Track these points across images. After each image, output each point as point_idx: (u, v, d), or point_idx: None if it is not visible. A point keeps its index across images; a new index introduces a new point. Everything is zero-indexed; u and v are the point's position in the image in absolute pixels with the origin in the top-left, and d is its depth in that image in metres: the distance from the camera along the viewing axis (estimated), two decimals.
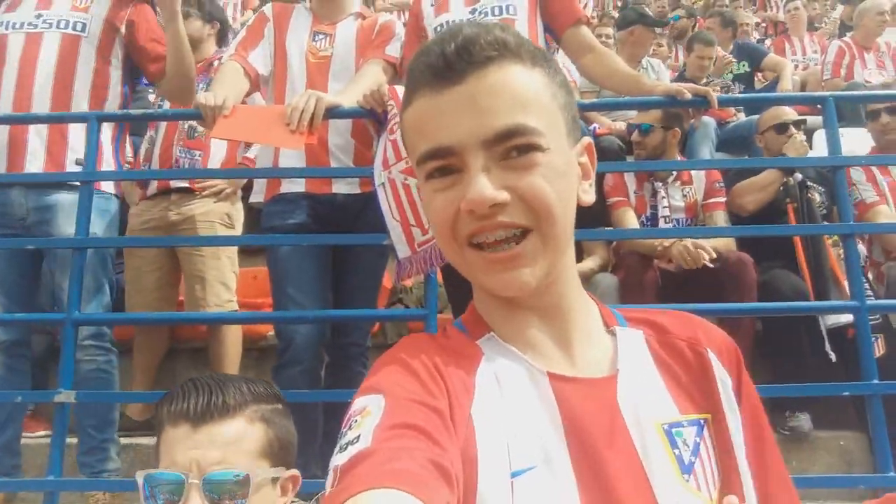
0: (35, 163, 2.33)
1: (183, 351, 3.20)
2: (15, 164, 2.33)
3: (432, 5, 2.44)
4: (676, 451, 0.68)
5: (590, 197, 0.76)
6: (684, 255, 2.73)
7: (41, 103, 2.34)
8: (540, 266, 0.70)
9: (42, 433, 2.72)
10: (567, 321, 0.75)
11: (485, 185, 0.66)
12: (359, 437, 0.59)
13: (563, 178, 0.70)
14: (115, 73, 2.50)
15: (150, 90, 3.66)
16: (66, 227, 2.28)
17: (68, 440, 2.33)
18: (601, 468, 0.65)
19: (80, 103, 2.39)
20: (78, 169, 2.30)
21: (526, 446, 0.65)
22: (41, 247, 2.30)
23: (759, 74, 4.97)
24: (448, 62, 0.68)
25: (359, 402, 0.65)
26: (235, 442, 0.95)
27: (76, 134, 2.36)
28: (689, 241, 2.75)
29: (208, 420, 0.95)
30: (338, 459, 0.59)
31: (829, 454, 2.69)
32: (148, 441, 2.64)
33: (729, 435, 0.73)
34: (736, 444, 0.73)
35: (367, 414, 0.62)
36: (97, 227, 2.33)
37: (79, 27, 2.41)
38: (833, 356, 2.63)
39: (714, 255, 2.72)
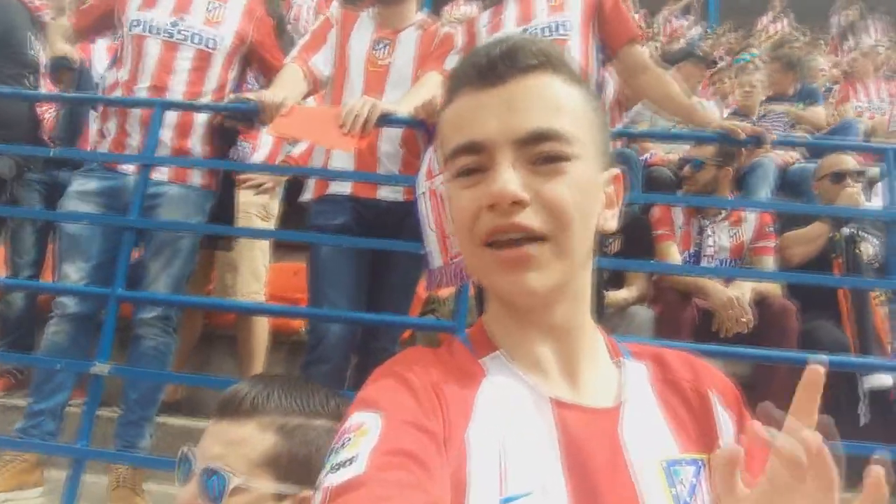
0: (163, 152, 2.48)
1: (218, 337, 3.27)
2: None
3: (486, 25, 2.47)
4: (674, 490, 0.67)
5: (611, 225, 0.77)
6: (726, 309, 2.68)
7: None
8: (549, 273, 0.70)
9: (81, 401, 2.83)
10: (575, 344, 0.75)
11: (510, 180, 0.68)
12: (353, 458, 0.59)
13: (587, 193, 0.72)
14: (232, 76, 2.64)
15: None
16: (169, 216, 2.42)
17: (105, 413, 2.44)
18: (598, 500, 0.64)
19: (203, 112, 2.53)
20: None
21: (523, 472, 0.64)
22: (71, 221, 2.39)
23: None
24: (492, 64, 0.72)
25: (355, 418, 0.64)
26: (237, 444, 0.94)
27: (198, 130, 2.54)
28: (736, 298, 2.69)
29: (223, 417, 0.98)
30: (330, 479, 0.58)
31: None
32: (175, 421, 2.71)
33: None
34: None
35: (363, 433, 0.62)
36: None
37: (211, 44, 2.54)
38: (864, 418, 2.55)
39: (750, 323, 2.66)
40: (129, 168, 2.45)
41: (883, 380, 2.55)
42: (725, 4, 10.44)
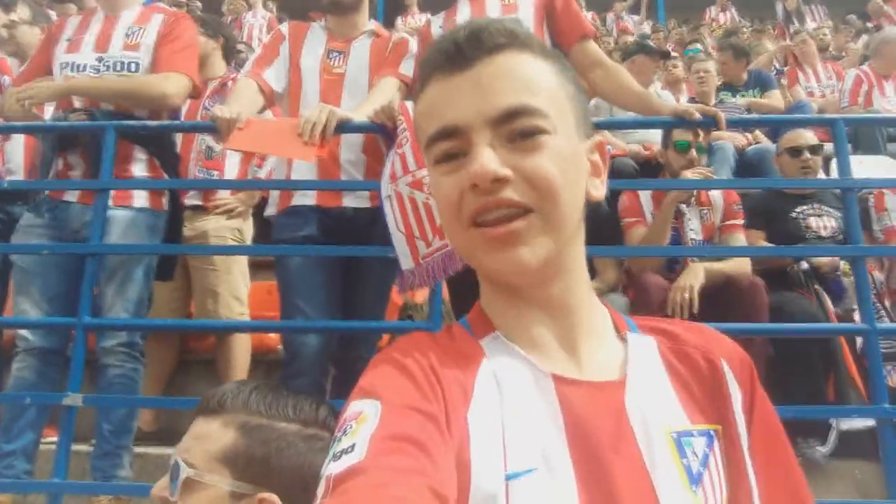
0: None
1: (195, 363, 3.23)
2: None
3: (441, 28, 2.49)
4: (685, 461, 0.66)
5: (600, 192, 0.76)
6: (674, 298, 2.72)
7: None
8: (540, 246, 0.69)
9: (54, 439, 2.77)
10: (574, 320, 0.73)
11: (489, 159, 0.67)
12: (353, 445, 0.58)
13: (570, 163, 0.70)
14: None
15: None
16: (118, 241, 2.38)
17: (81, 447, 2.38)
18: (604, 473, 0.63)
19: None
20: None
21: (525, 448, 0.63)
22: (56, 252, 2.36)
23: None
24: (458, 48, 0.71)
25: (354, 407, 0.64)
26: (201, 439, 0.98)
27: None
28: (683, 288, 2.71)
29: (198, 414, 1.02)
30: (331, 468, 0.58)
31: (844, 484, 2.62)
32: (154, 451, 2.66)
33: (740, 448, 0.70)
34: (746, 458, 0.70)
35: (362, 420, 0.61)
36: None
37: (133, 67, 2.51)
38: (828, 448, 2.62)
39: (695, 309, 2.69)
40: (73, 196, 2.45)
41: (856, 423, 2.57)
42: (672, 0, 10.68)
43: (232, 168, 3.21)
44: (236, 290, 3.05)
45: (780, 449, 0.73)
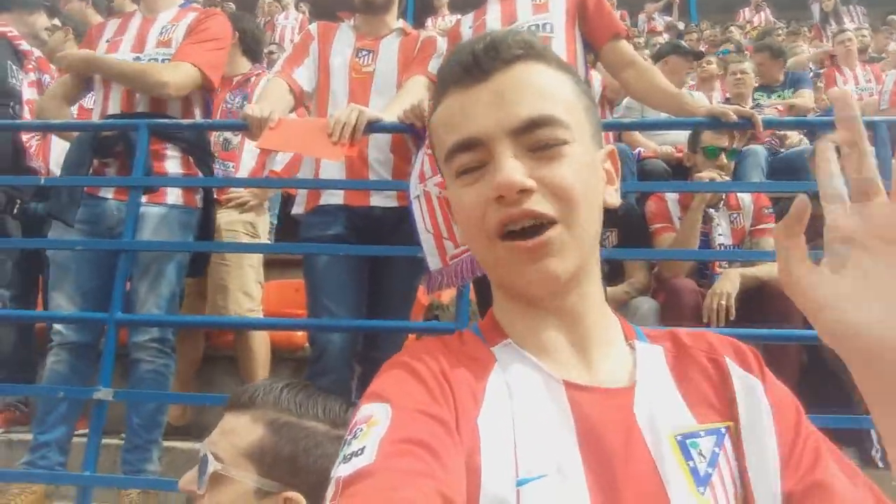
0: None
1: (220, 358, 3.26)
2: None
3: (470, 27, 2.48)
4: (691, 463, 0.66)
5: (615, 200, 0.77)
6: (710, 305, 2.68)
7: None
8: (568, 258, 0.70)
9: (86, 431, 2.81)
10: (586, 326, 0.74)
11: (514, 169, 0.67)
12: (363, 448, 0.59)
13: (589, 172, 0.72)
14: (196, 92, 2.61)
15: None
16: (150, 237, 2.42)
17: (111, 441, 2.42)
18: (616, 479, 0.63)
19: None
20: None
21: (537, 454, 0.63)
22: (89, 248, 2.40)
23: None
24: (477, 59, 0.72)
25: (364, 410, 0.64)
26: (229, 433, 0.98)
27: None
28: (720, 295, 2.67)
29: (228, 409, 1.03)
30: (341, 470, 0.58)
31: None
32: (183, 445, 2.69)
33: (743, 445, 0.69)
34: (763, 447, 0.67)
35: (373, 423, 0.62)
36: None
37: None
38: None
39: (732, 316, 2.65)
40: (109, 193, 2.49)
41: None
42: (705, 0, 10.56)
43: (248, 161, 3.23)
44: (246, 286, 3.05)
45: (806, 426, 0.71)
